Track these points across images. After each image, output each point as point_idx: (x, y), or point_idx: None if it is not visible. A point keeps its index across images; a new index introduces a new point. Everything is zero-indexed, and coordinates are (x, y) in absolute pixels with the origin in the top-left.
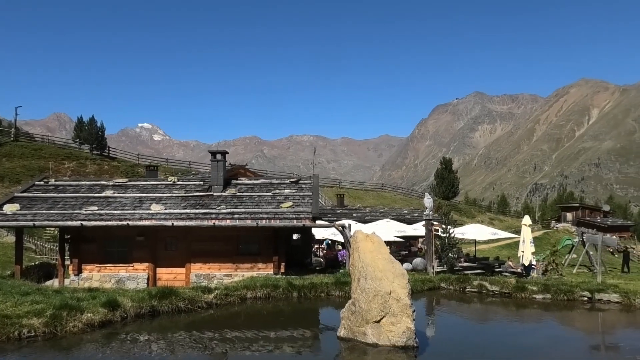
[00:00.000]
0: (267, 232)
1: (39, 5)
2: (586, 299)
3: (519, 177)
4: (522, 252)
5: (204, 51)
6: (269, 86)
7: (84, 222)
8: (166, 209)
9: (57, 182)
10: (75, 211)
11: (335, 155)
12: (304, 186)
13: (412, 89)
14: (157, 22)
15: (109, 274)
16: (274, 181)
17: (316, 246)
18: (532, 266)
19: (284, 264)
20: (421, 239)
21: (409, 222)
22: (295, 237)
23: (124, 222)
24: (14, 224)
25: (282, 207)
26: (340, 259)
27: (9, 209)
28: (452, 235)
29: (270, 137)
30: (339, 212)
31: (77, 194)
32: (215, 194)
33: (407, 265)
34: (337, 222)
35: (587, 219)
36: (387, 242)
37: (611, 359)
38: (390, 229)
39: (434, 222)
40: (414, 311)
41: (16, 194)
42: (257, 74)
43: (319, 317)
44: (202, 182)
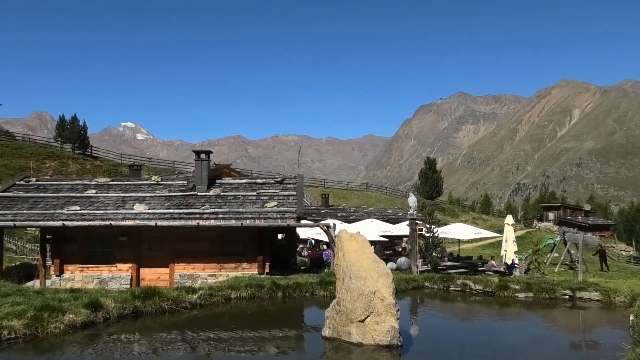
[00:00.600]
0: (251, 231)
1: (19, 3)
2: (567, 297)
3: (502, 177)
4: (505, 251)
5: (187, 51)
6: (253, 86)
7: (66, 222)
8: (150, 209)
9: (39, 182)
10: (56, 211)
11: (320, 154)
12: (288, 186)
13: (397, 89)
14: (141, 21)
15: (91, 275)
16: (259, 181)
17: (301, 246)
18: (515, 265)
19: (268, 264)
20: (405, 239)
21: (394, 221)
22: (280, 236)
23: (107, 222)
24: None
25: (266, 206)
26: (325, 258)
27: None
28: (436, 234)
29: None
30: (323, 211)
31: (59, 194)
32: (199, 194)
33: (391, 264)
34: (322, 222)
35: (568, 218)
36: (372, 242)
37: (592, 356)
38: (374, 229)
39: (418, 222)
40: (398, 310)
41: None
42: (242, 73)
43: (303, 316)
44: (186, 182)
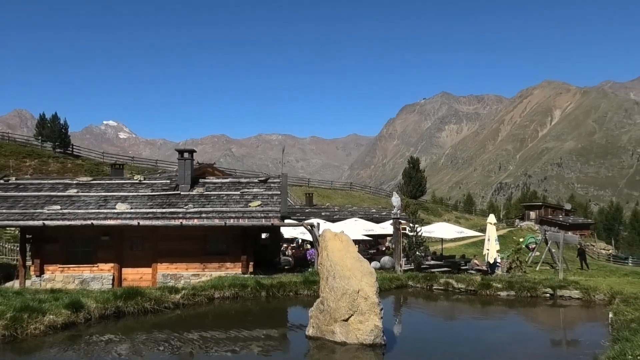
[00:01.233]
0: (235, 231)
1: None
2: (548, 295)
3: (485, 176)
4: (487, 250)
5: (171, 49)
6: (237, 85)
7: (46, 222)
8: (132, 208)
9: (18, 181)
10: (37, 210)
11: (304, 154)
12: (272, 185)
13: (380, 89)
14: (122, 19)
15: (72, 275)
16: (243, 180)
17: (285, 245)
18: (497, 264)
19: (252, 264)
20: (389, 238)
21: (377, 220)
22: (263, 236)
23: (88, 222)
24: None
25: (250, 206)
26: (309, 258)
27: None
28: (420, 233)
29: (238, 136)
30: (307, 211)
31: (39, 193)
32: (182, 193)
33: (375, 263)
34: (306, 221)
35: (549, 217)
36: (356, 241)
37: (572, 354)
38: (358, 228)
39: (402, 221)
40: (381, 309)
41: None
42: (227, 72)
43: (287, 316)
44: (169, 181)
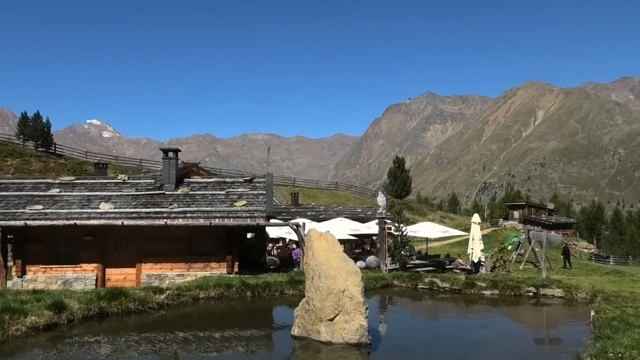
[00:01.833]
0: (220, 231)
1: None
2: (532, 294)
3: (469, 176)
4: (472, 249)
5: (155, 48)
6: (223, 84)
7: (28, 222)
8: (116, 208)
9: None
10: (18, 210)
11: (289, 153)
12: (258, 185)
13: (366, 89)
14: (105, 17)
15: (55, 275)
16: (228, 180)
17: (270, 245)
18: (481, 263)
19: (237, 263)
20: (374, 237)
21: (363, 220)
22: (249, 236)
23: (71, 222)
24: None
25: (235, 205)
26: (294, 257)
27: None
28: (405, 233)
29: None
30: (293, 210)
31: (21, 193)
32: (167, 193)
33: (360, 263)
34: (292, 221)
35: (532, 217)
36: (341, 241)
37: (554, 352)
38: (344, 228)
39: (387, 221)
40: (367, 309)
41: None
42: (212, 72)
43: (272, 316)
44: (153, 181)
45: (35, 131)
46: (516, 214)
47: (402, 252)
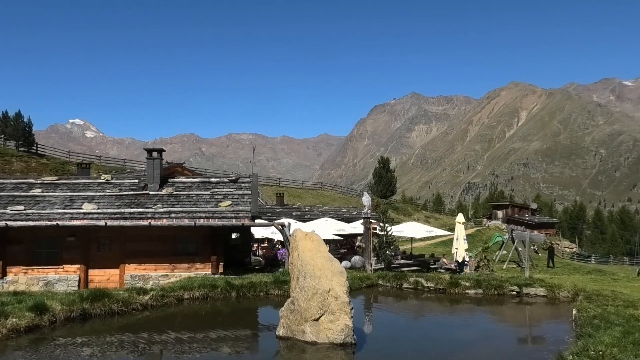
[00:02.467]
0: (205, 231)
1: None
2: (515, 293)
3: (453, 176)
4: (456, 249)
5: (138, 47)
6: (207, 84)
7: (9, 223)
8: (99, 209)
9: None
10: None
11: (275, 153)
12: (243, 185)
13: (351, 89)
14: (88, 15)
15: (36, 277)
16: (213, 180)
17: (256, 245)
18: (465, 262)
19: (222, 264)
20: (360, 237)
21: (348, 220)
22: (234, 236)
23: (53, 222)
24: None
25: (220, 206)
26: (279, 257)
27: None
28: (390, 233)
29: (208, 135)
30: (278, 210)
31: (2, 193)
32: (151, 193)
33: (345, 263)
34: (277, 221)
35: (516, 216)
36: (326, 241)
37: (537, 350)
38: (329, 228)
39: (372, 221)
40: (352, 309)
41: None
42: (196, 71)
43: (257, 316)
44: (137, 181)
45: (16, 131)
46: (500, 213)
47: (387, 252)
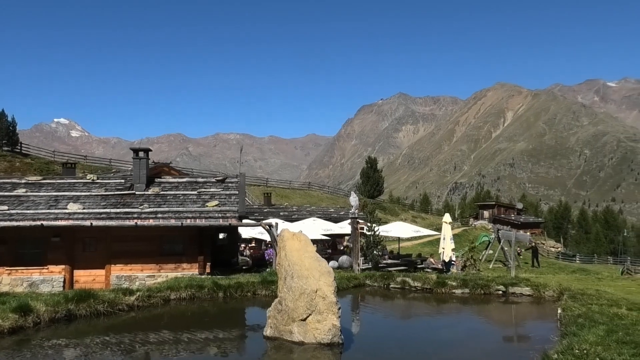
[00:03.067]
0: (192, 231)
1: None
2: (501, 292)
3: (440, 176)
4: (443, 248)
5: (125, 46)
6: (194, 83)
7: None
8: (84, 209)
9: None
10: None
11: (262, 153)
12: (230, 185)
13: (339, 89)
14: (73, 14)
15: (20, 277)
16: (200, 180)
17: (243, 245)
18: (452, 262)
19: (209, 264)
20: (347, 237)
21: (336, 220)
22: (221, 236)
23: (38, 223)
24: None
25: (207, 206)
26: (267, 258)
27: None
28: (377, 233)
29: (195, 135)
30: (266, 210)
31: None
32: (137, 193)
33: (333, 263)
34: (264, 221)
35: (502, 216)
36: (314, 241)
37: (522, 349)
38: (316, 228)
39: (360, 221)
40: (339, 308)
41: None
42: (182, 70)
43: (245, 316)
44: (123, 181)
45: (0, 130)
46: (486, 213)
47: (375, 252)
